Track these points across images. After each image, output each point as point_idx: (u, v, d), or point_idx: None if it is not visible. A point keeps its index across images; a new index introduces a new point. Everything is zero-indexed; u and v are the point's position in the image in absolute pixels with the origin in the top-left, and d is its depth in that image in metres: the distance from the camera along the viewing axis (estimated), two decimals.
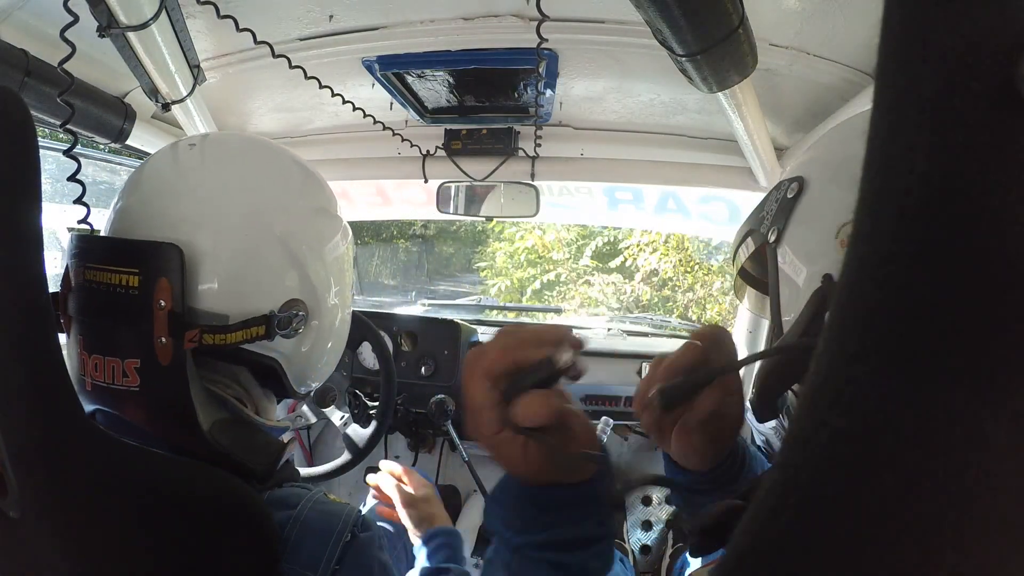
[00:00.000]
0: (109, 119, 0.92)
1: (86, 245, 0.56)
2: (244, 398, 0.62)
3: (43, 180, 0.43)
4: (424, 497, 0.93)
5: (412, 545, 0.90)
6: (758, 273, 0.66)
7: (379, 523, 1.16)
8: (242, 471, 0.54)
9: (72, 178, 0.70)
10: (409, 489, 0.94)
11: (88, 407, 0.56)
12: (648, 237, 5.32)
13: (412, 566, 0.87)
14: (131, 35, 0.70)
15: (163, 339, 0.52)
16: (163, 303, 0.52)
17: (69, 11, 0.60)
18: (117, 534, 0.46)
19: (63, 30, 0.60)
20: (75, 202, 0.70)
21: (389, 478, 0.95)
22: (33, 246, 0.42)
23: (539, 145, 1.38)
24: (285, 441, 0.63)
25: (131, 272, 0.52)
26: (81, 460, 0.44)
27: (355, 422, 1.27)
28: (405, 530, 0.93)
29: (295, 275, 0.61)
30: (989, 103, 0.15)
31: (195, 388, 0.54)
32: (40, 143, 0.41)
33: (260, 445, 0.59)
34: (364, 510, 1.22)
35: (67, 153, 0.68)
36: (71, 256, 0.57)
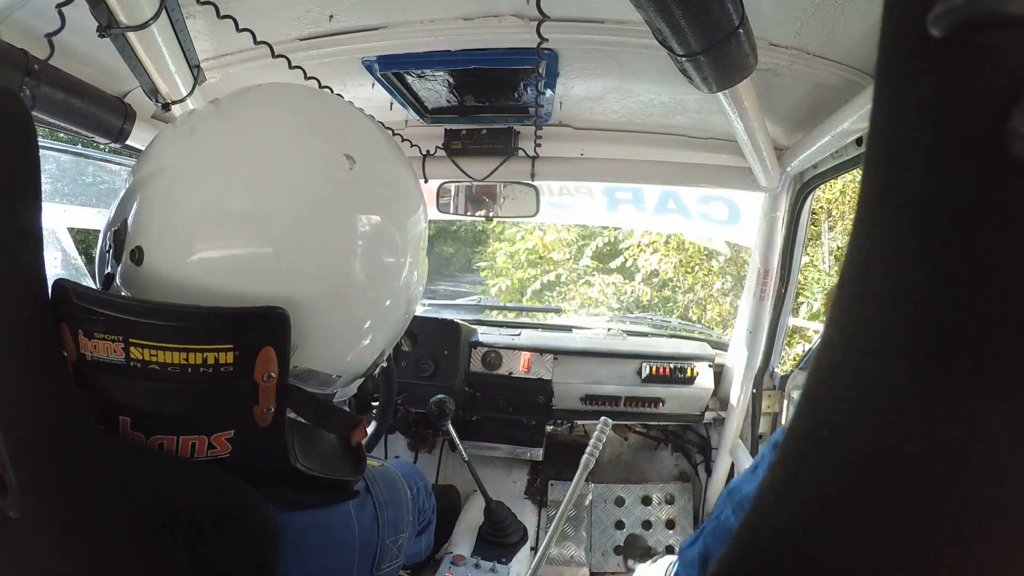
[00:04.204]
0: (109, 119, 0.92)
1: (128, 316, 0.43)
2: None
3: (43, 180, 0.43)
4: None
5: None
6: None
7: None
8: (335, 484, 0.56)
9: None
10: None
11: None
12: (648, 238, 5.33)
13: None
14: (131, 35, 0.69)
15: (269, 408, 0.46)
16: (271, 375, 0.45)
17: (61, 16, 0.60)
18: (117, 535, 0.46)
19: (50, 35, 0.60)
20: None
21: None
22: (33, 246, 0.42)
23: (539, 145, 1.38)
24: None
25: (223, 349, 0.43)
26: (81, 460, 0.44)
27: None
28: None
29: (395, 333, 0.61)
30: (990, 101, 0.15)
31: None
32: (40, 143, 0.41)
33: (336, 456, 0.57)
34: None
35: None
36: (81, 320, 0.44)
